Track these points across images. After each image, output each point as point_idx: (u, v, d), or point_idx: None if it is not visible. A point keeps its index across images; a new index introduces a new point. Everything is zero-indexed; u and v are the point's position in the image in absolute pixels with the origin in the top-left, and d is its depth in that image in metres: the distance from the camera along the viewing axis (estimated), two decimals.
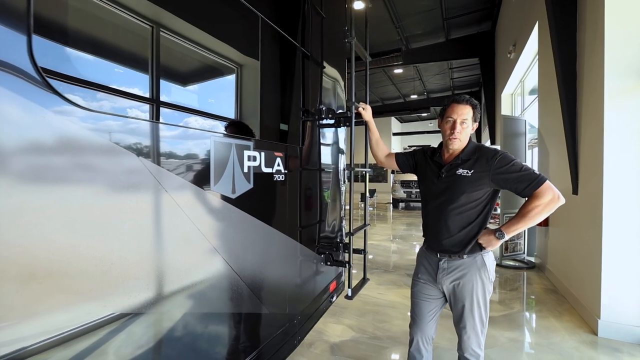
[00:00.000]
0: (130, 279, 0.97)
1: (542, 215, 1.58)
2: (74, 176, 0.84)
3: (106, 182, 0.91)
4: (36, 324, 0.76)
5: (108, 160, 0.92)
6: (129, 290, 0.96)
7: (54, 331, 0.79)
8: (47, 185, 0.78)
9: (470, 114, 1.68)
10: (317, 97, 2.05)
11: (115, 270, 0.93)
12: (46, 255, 0.77)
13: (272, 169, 1.56)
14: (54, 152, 0.79)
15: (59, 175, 0.81)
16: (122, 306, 0.94)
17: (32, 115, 0.75)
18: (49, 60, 0.79)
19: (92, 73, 0.90)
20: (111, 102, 0.94)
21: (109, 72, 0.95)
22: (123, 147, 0.94)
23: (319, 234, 2.10)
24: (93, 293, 0.88)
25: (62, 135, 0.81)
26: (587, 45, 3.15)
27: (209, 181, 1.22)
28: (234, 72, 1.42)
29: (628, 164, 2.72)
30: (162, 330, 1.09)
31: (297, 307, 1.81)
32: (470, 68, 11.54)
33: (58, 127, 0.80)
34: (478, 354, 1.75)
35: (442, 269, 1.73)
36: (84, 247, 0.86)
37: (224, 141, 1.29)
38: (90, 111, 0.87)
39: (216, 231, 1.27)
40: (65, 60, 0.85)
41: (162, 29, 1.09)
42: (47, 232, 0.78)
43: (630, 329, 2.71)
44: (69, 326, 0.82)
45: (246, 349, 1.44)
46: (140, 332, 1.01)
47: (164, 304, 1.07)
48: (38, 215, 0.76)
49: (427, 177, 1.84)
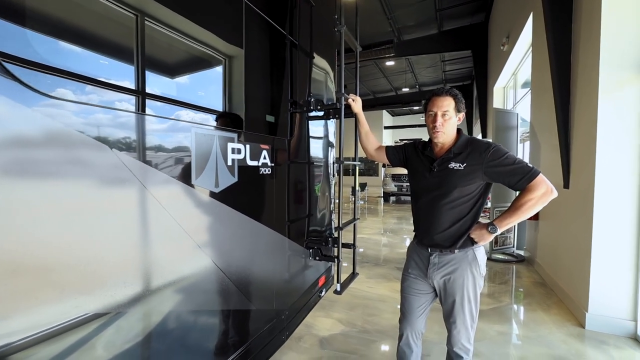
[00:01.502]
0: (109, 278, 0.91)
1: (535, 208, 1.56)
2: (41, 171, 0.77)
3: (76, 177, 0.84)
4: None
5: (77, 154, 0.84)
6: (107, 289, 0.90)
7: (24, 331, 0.73)
8: (10, 180, 0.71)
9: (452, 105, 1.64)
10: (306, 88, 1.98)
11: (93, 269, 0.87)
12: (17, 252, 0.71)
13: (258, 161, 1.49)
14: (20, 144, 0.72)
15: (25, 169, 0.74)
16: (102, 305, 0.89)
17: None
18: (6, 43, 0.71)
19: (58, 58, 0.82)
20: (84, 91, 0.87)
21: (82, 59, 0.87)
22: (95, 139, 0.87)
23: (308, 228, 2.05)
24: (68, 292, 0.82)
25: (28, 127, 0.74)
26: (583, 36, 3.11)
27: (190, 175, 1.15)
28: (217, 60, 1.34)
29: (621, 158, 2.70)
30: (144, 328, 1.04)
31: (285, 302, 1.77)
32: (462, 61, 11.51)
33: (21, 117, 0.72)
34: (467, 349, 1.74)
35: (433, 264, 1.70)
36: (56, 246, 0.79)
37: (206, 133, 1.22)
38: (57, 99, 0.79)
39: (198, 226, 1.21)
40: (26, 44, 0.77)
41: (141, 14, 1.00)
42: (14, 229, 0.71)
43: (618, 322, 2.75)
44: (40, 326, 0.76)
45: (234, 344, 1.40)
46: (121, 330, 0.96)
47: (145, 302, 1.02)
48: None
49: (418, 172, 1.80)
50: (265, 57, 1.67)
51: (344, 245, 2.23)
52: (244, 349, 1.43)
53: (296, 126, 1.85)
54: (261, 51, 1.63)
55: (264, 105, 1.63)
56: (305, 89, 1.97)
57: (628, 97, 2.67)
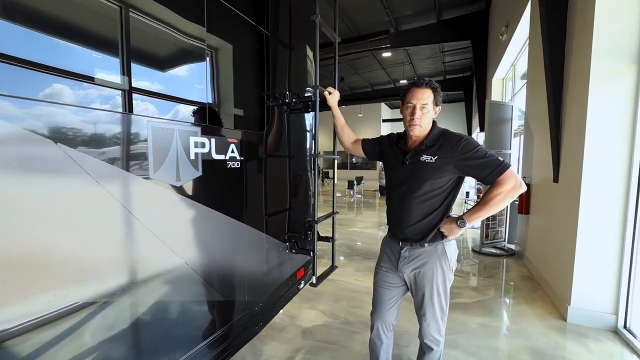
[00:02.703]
0: (63, 276, 0.92)
1: (504, 202, 1.56)
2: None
3: (19, 175, 0.83)
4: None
5: (19, 150, 0.84)
6: (62, 287, 0.92)
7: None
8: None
9: (431, 97, 1.61)
10: (281, 80, 1.95)
11: (45, 268, 0.88)
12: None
13: (225, 155, 1.48)
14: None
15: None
16: (53, 302, 0.90)
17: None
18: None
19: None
20: (30, 84, 0.87)
21: (18, 43, 0.86)
22: (38, 134, 0.87)
23: (284, 222, 2.05)
24: (24, 298, 0.83)
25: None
26: (577, 24, 3.04)
27: (148, 169, 1.15)
28: (181, 52, 1.33)
29: (610, 152, 2.67)
30: (108, 323, 1.05)
31: (258, 293, 1.78)
32: (462, 51, 11.33)
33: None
34: (438, 340, 1.77)
35: (404, 257, 1.71)
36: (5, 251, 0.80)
37: (165, 127, 1.21)
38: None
39: (158, 220, 1.21)
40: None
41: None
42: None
43: (598, 315, 2.76)
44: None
45: (204, 333, 1.42)
46: (88, 326, 0.98)
47: (107, 299, 1.03)
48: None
49: (391, 164, 1.79)
50: (234, 48, 1.64)
51: (324, 238, 2.24)
52: (214, 338, 1.45)
53: (270, 119, 1.84)
54: (228, 42, 1.60)
55: (231, 99, 1.62)
56: (280, 81, 1.94)
57: (619, 88, 2.61)
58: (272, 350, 2.39)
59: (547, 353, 2.41)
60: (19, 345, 0.85)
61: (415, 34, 9.11)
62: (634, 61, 2.56)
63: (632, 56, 2.56)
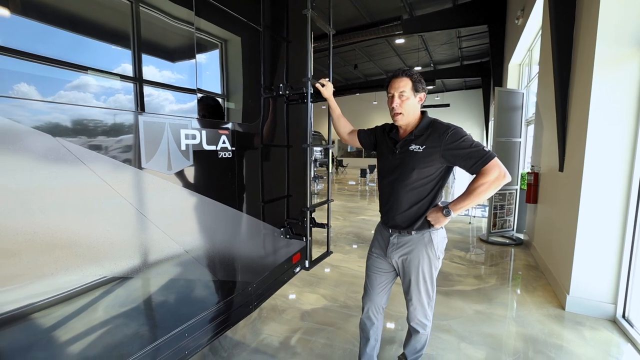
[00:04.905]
0: (68, 263, 1.05)
1: (488, 192, 1.58)
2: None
3: (21, 168, 0.94)
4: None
5: (21, 144, 0.95)
6: (67, 273, 1.04)
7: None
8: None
9: (409, 85, 1.65)
10: (275, 73, 2.02)
11: (53, 253, 1.00)
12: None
13: (217, 146, 1.58)
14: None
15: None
16: (62, 285, 1.03)
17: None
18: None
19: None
20: (31, 83, 0.97)
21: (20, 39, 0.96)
22: (40, 130, 0.98)
23: (279, 208, 2.15)
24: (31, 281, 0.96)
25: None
26: (585, 10, 2.94)
27: (140, 159, 1.26)
28: (173, 49, 1.42)
29: (612, 141, 2.62)
30: (108, 304, 1.19)
31: (251, 276, 1.90)
32: (480, 36, 10.94)
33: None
34: (424, 324, 1.84)
35: (392, 244, 1.78)
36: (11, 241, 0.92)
37: (156, 120, 1.31)
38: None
39: (152, 206, 1.33)
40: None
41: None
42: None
43: (596, 304, 2.76)
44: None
45: (197, 310, 1.55)
46: (87, 307, 1.11)
47: (104, 283, 1.16)
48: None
49: (383, 153, 1.84)
50: (227, 42, 1.72)
51: (319, 224, 2.33)
52: (206, 315, 1.58)
53: (264, 111, 1.92)
54: (219, 36, 1.68)
55: (221, 92, 1.70)
56: (275, 74, 2.01)
57: (624, 75, 2.54)
58: (270, 330, 2.54)
59: (540, 339, 2.45)
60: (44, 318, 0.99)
61: (429, 20, 8.88)
62: (639, 48, 2.47)
63: (637, 43, 2.47)
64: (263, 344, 2.37)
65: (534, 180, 4.27)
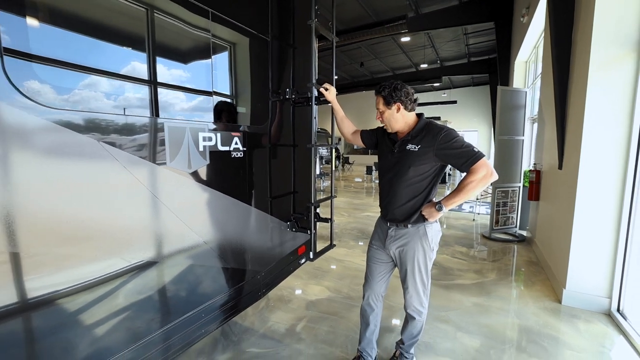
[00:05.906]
0: (110, 247, 1.22)
1: (477, 189, 1.72)
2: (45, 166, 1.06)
3: (70, 168, 1.12)
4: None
5: (76, 151, 1.12)
6: (100, 261, 1.22)
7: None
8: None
9: (380, 101, 1.84)
10: (282, 78, 2.17)
11: (92, 243, 1.18)
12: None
13: (230, 147, 1.74)
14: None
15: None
16: (95, 270, 1.21)
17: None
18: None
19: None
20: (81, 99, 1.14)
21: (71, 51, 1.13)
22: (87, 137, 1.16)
23: (286, 204, 2.31)
24: (66, 267, 1.13)
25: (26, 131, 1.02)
26: (582, 11, 3.01)
27: (165, 159, 1.42)
28: (188, 60, 1.58)
29: (608, 140, 2.70)
30: (136, 287, 1.35)
31: (259, 265, 2.07)
32: (487, 33, 10.90)
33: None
34: (420, 311, 1.99)
35: (390, 236, 1.93)
36: (58, 229, 1.09)
37: (178, 126, 1.48)
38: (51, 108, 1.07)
39: (174, 200, 1.49)
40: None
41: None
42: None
43: (592, 298, 2.85)
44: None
45: (212, 293, 1.73)
46: (114, 291, 1.28)
47: (137, 266, 1.33)
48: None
49: (383, 152, 1.99)
50: (238, 52, 1.87)
51: (323, 219, 2.48)
52: (220, 298, 1.76)
53: (272, 114, 2.07)
54: (232, 47, 1.84)
55: (233, 98, 1.87)
56: (282, 79, 2.16)
57: (619, 76, 2.62)
58: (277, 318, 2.70)
59: (534, 331, 2.56)
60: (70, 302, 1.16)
61: (435, 17, 8.88)
62: (633, 49, 2.55)
63: (632, 44, 2.55)
64: (270, 330, 2.53)
65: (536, 177, 4.35)
